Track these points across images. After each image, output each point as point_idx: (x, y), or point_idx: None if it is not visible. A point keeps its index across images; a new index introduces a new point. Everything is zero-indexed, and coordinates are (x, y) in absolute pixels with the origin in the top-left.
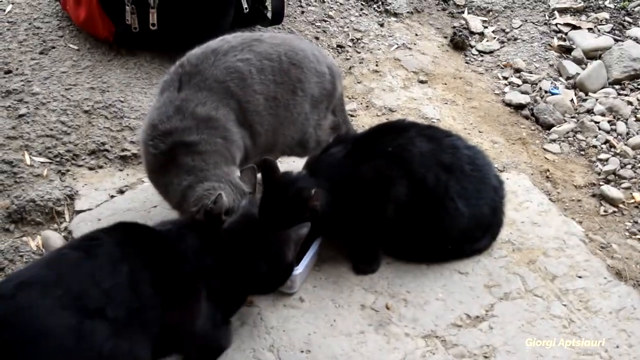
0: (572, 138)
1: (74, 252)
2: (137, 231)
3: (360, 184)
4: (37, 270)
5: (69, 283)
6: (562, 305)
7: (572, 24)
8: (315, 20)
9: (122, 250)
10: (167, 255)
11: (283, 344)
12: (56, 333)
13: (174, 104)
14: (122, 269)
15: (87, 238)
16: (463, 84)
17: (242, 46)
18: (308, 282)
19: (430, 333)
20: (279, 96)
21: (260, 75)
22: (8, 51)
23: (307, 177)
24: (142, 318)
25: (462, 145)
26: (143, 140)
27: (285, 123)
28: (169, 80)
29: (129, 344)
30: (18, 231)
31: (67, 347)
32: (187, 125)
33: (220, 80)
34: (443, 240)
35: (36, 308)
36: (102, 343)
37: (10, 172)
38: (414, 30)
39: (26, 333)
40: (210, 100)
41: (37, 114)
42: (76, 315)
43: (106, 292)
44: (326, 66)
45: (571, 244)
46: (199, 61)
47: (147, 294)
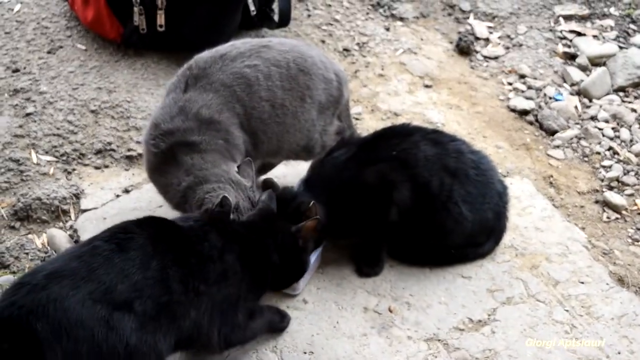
0: (575, 144)
1: (106, 244)
2: (166, 227)
3: (363, 187)
4: (68, 261)
5: (100, 276)
6: (564, 310)
7: (577, 31)
8: (322, 23)
9: (153, 246)
10: (194, 253)
11: (286, 345)
12: (87, 324)
13: (178, 105)
14: (152, 264)
15: (118, 231)
16: (468, 89)
17: (251, 52)
18: (312, 284)
19: (433, 336)
20: (287, 103)
21: (267, 81)
22: (16, 50)
23: (305, 191)
24: (169, 312)
25: (466, 150)
26: (145, 140)
27: (292, 130)
28: (176, 82)
29: (153, 338)
30: (24, 229)
31: (96, 338)
32: (189, 126)
33: (226, 85)
34: (447, 245)
35: (68, 299)
36: (129, 335)
37: (17, 170)
38: (419, 34)
39: (57, 324)
40: (215, 102)
41: (44, 113)
42: (106, 307)
43: (136, 286)
44: (333, 73)
45: (574, 249)
46: (207, 65)
47: (175, 290)
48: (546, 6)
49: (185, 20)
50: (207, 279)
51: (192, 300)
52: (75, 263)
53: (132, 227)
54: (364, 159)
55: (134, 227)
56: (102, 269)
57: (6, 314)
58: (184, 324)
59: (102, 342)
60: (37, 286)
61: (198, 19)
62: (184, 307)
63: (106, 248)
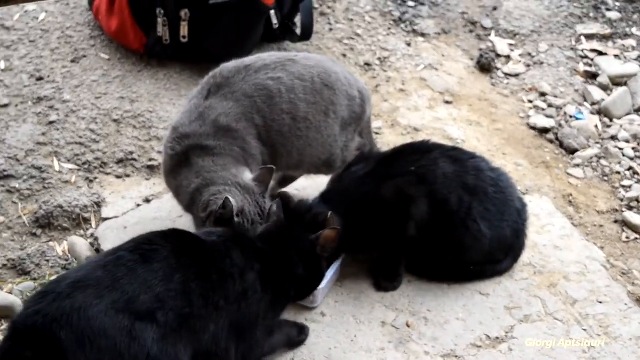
0: (595, 163)
1: (130, 255)
2: (190, 241)
3: (381, 202)
4: (92, 271)
5: (124, 286)
6: (582, 329)
7: (598, 50)
8: (343, 37)
9: (177, 259)
10: (216, 269)
11: (304, 357)
12: (109, 334)
13: (198, 110)
14: (175, 277)
15: (143, 242)
16: (488, 105)
17: (276, 65)
18: (330, 297)
19: (450, 352)
20: (310, 117)
21: (289, 94)
22: (40, 59)
23: (321, 202)
24: (190, 325)
25: (486, 167)
26: (164, 143)
27: (314, 144)
28: (200, 89)
29: (174, 349)
30: (45, 236)
31: (119, 347)
32: (205, 131)
33: (247, 95)
34: (465, 261)
35: (91, 308)
36: (151, 345)
37: (39, 178)
38: (440, 51)
39: (81, 332)
40: (234, 112)
41: (67, 122)
42: (129, 317)
43: (158, 297)
44: (357, 90)
45: (592, 269)
46: (231, 74)
47: (196, 303)
48: (568, 25)
49: (208, 32)
50: (227, 296)
51: (211, 315)
52: (100, 272)
53: (156, 239)
54: (382, 174)
55: (158, 239)
56: (125, 279)
57: (30, 322)
58: (203, 338)
59: (124, 352)
60: (61, 295)
61: (221, 31)
62: (204, 321)
63: (130, 259)
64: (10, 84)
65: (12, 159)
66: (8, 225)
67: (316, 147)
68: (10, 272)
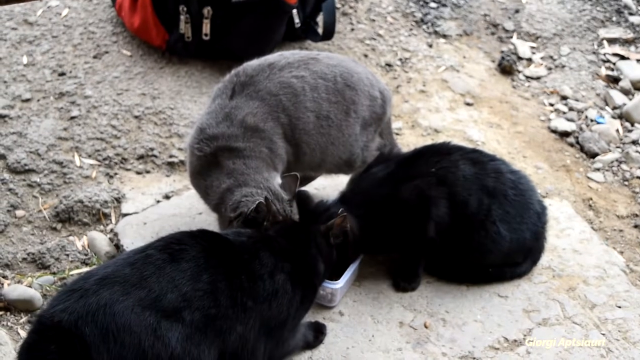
0: (616, 168)
1: (159, 254)
2: (219, 241)
3: (401, 202)
4: (120, 267)
5: (151, 284)
6: (600, 334)
7: (620, 54)
8: (365, 38)
9: (206, 259)
10: (245, 270)
11: (322, 356)
12: (134, 330)
13: (224, 111)
14: (203, 277)
15: (172, 241)
16: (509, 108)
17: (299, 63)
18: (348, 296)
19: (468, 354)
20: (332, 115)
21: (313, 93)
22: (63, 54)
23: (340, 203)
24: (216, 325)
25: (506, 170)
26: (190, 144)
27: (336, 143)
28: (222, 88)
29: (197, 349)
30: (65, 230)
31: (143, 345)
32: (234, 133)
33: (273, 94)
34: (484, 263)
35: (117, 305)
36: (175, 344)
37: (60, 173)
38: (462, 52)
39: (105, 328)
40: (260, 111)
41: (89, 117)
42: (155, 315)
43: (185, 296)
44: (378, 90)
45: (612, 273)
46: (255, 72)
47: (223, 304)
48: (590, 29)
49: (231, 30)
50: (255, 297)
51: (239, 316)
52: (128, 270)
53: (186, 239)
54: (402, 175)
55: (187, 239)
56: (153, 277)
57: (57, 319)
58: (229, 338)
59: (148, 350)
60: (88, 291)
61: (243, 29)
62: (231, 322)
63: (159, 257)
64: (33, 79)
65: (34, 153)
66: (28, 219)
67: (337, 145)
68: (30, 266)
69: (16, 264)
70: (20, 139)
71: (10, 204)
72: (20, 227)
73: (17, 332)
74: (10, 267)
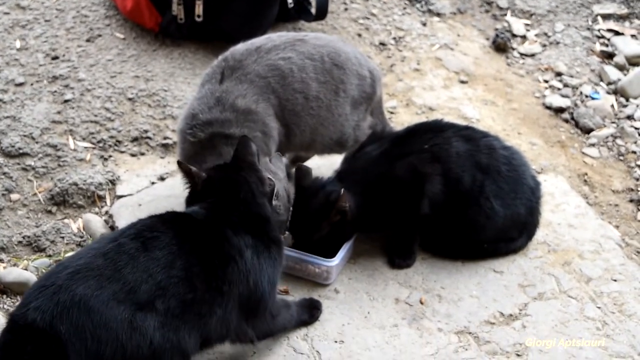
0: (611, 143)
1: (132, 242)
2: (189, 225)
3: (395, 179)
4: (93, 259)
5: (126, 275)
6: (596, 307)
7: (615, 30)
8: (359, 17)
9: (179, 245)
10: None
11: (317, 333)
12: (110, 326)
13: (214, 95)
14: (177, 263)
15: (144, 228)
16: (504, 85)
17: (285, 45)
18: (343, 274)
19: (463, 329)
20: (322, 96)
21: (301, 73)
22: (55, 38)
23: (335, 181)
24: (194, 310)
25: (499, 146)
26: (181, 129)
27: (326, 123)
28: (211, 73)
29: (176, 335)
30: (60, 213)
31: (120, 339)
32: (227, 117)
33: (261, 76)
34: (478, 239)
35: (92, 300)
36: (152, 333)
37: (54, 156)
38: (456, 30)
39: (81, 325)
40: (250, 93)
41: (82, 100)
42: (129, 307)
43: (159, 284)
44: (367, 70)
45: (607, 247)
46: (243, 57)
47: (200, 288)
48: (584, 5)
49: (223, 11)
50: (230, 280)
51: (216, 299)
52: (101, 261)
53: (157, 225)
54: (396, 153)
55: (159, 225)
56: (127, 268)
57: (30, 318)
58: (210, 322)
59: (126, 343)
60: (61, 287)
61: (236, 10)
62: (209, 306)
63: (132, 246)
64: (26, 63)
65: (28, 137)
66: (23, 202)
67: (327, 126)
68: (26, 249)
69: (12, 247)
70: (14, 123)
71: (5, 188)
72: (16, 210)
73: None
74: (6, 250)
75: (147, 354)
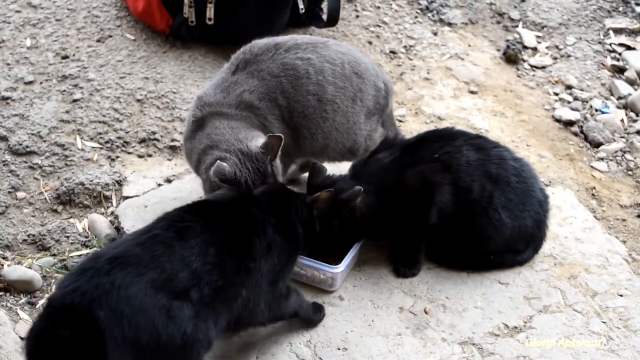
0: (620, 157)
1: (166, 232)
2: (216, 212)
3: (405, 188)
4: (130, 247)
5: (163, 264)
6: (601, 322)
7: (626, 45)
8: (370, 25)
9: (210, 233)
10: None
11: (320, 340)
12: (148, 313)
13: (224, 84)
14: (210, 250)
15: (175, 219)
16: (513, 97)
17: (307, 46)
18: (348, 281)
19: (467, 340)
20: (338, 101)
21: (317, 76)
22: (66, 37)
23: (347, 179)
24: (223, 296)
25: (509, 157)
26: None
27: (341, 129)
28: (229, 64)
29: (206, 325)
30: (66, 212)
31: (156, 327)
32: (228, 102)
33: (274, 74)
34: (485, 250)
35: (131, 287)
36: (187, 324)
37: (61, 155)
38: (467, 41)
39: (120, 312)
40: (258, 90)
41: (91, 100)
42: (167, 296)
43: (194, 273)
44: (383, 82)
45: (614, 262)
46: (260, 51)
47: (230, 273)
48: (596, 18)
49: (234, 14)
50: (254, 256)
51: (243, 280)
52: (138, 249)
53: (186, 216)
54: (407, 161)
55: (188, 215)
56: (164, 256)
57: (69, 300)
58: (235, 305)
59: (162, 331)
60: (100, 271)
61: (247, 14)
62: (237, 288)
63: (167, 236)
64: (36, 62)
65: (35, 135)
66: (29, 201)
67: (342, 132)
68: (31, 247)
69: (16, 245)
70: (23, 121)
71: (11, 186)
72: (21, 208)
73: (17, 312)
74: (11, 248)
75: (180, 343)
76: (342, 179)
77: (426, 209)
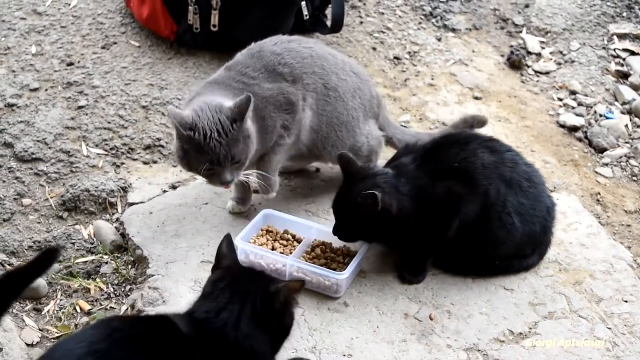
0: (625, 163)
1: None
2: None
3: (434, 200)
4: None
5: None
6: (606, 328)
7: (631, 50)
8: (374, 31)
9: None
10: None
11: (325, 346)
12: None
13: (226, 65)
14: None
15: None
16: (518, 103)
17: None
18: (353, 287)
19: (473, 346)
20: (341, 90)
21: (321, 61)
22: (71, 44)
23: (390, 175)
24: None
25: (521, 162)
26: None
27: (342, 118)
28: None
29: None
30: (71, 219)
31: None
32: (229, 75)
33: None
34: (496, 255)
35: None
36: None
37: (67, 162)
38: (471, 47)
39: None
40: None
41: (97, 107)
42: None
43: None
44: (375, 93)
45: (619, 268)
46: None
47: None
48: (600, 24)
49: (239, 21)
50: None
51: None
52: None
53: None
54: (432, 170)
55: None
56: None
57: None
58: None
59: None
60: None
61: (252, 21)
62: None
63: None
64: (41, 69)
65: (41, 142)
66: (35, 207)
67: (342, 124)
68: (36, 254)
69: (22, 252)
70: (28, 128)
71: (17, 193)
72: (27, 215)
73: (23, 319)
74: (17, 255)
75: None
76: (382, 174)
77: (450, 222)
